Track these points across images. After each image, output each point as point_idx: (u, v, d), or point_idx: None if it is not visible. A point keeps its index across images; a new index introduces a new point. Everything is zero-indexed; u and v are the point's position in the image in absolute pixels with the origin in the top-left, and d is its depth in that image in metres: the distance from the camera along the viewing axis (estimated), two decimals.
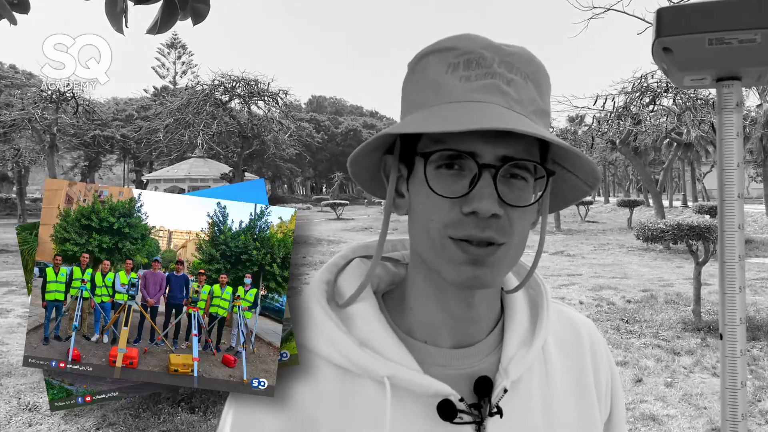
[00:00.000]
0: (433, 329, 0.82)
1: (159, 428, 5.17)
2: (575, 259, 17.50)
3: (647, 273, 14.40)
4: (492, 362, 0.82)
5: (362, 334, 0.79)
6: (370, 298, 0.83)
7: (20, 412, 5.62)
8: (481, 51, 0.75)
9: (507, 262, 0.75)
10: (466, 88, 0.74)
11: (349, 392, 0.77)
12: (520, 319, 0.86)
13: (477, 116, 0.69)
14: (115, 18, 2.25)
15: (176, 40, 75.72)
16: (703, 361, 7.10)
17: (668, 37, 0.89)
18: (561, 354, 0.90)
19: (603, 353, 0.95)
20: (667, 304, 10.38)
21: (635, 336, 8.34)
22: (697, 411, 5.61)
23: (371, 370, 0.76)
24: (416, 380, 0.76)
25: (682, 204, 43.82)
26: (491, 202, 0.70)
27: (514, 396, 0.80)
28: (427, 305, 0.82)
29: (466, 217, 0.71)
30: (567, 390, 0.87)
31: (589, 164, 0.78)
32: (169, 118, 20.84)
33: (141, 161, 58.02)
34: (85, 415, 5.39)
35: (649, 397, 5.98)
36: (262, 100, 21.65)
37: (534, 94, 0.76)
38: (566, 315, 0.96)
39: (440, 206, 0.73)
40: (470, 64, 0.74)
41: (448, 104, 0.73)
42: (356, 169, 0.85)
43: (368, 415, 0.76)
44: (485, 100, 0.73)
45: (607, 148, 24.44)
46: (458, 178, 0.73)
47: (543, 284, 0.93)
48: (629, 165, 42.02)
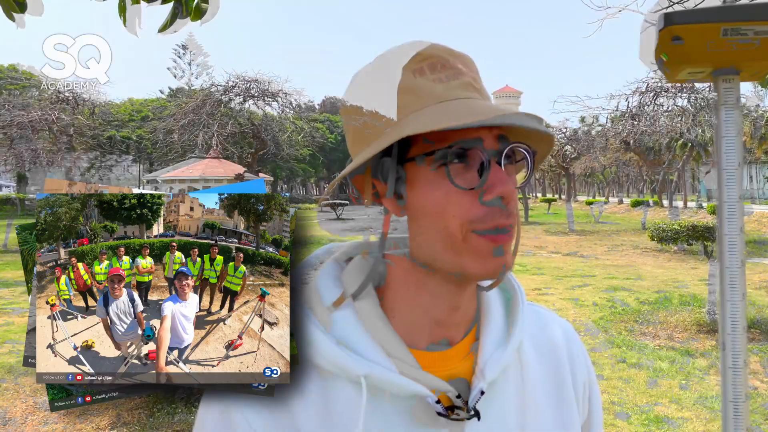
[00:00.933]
0: (412, 332, 0.81)
1: (173, 427, 5.21)
2: (588, 260, 17.40)
3: (661, 274, 14.28)
4: (468, 365, 0.82)
5: (339, 333, 0.79)
6: (350, 301, 0.82)
7: (36, 411, 5.70)
8: (440, 54, 0.77)
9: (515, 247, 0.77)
10: (445, 87, 0.75)
11: (328, 392, 0.77)
12: (495, 321, 0.86)
13: (480, 110, 0.71)
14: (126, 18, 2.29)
15: (192, 41, 76.09)
16: (718, 363, 7.03)
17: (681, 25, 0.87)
18: (538, 355, 0.90)
19: (580, 355, 0.95)
20: (681, 305, 10.30)
21: (649, 337, 8.29)
22: (713, 414, 5.57)
23: (348, 369, 0.76)
24: (393, 380, 0.75)
25: (696, 205, 43.42)
26: (511, 184, 0.72)
27: (490, 397, 0.80)
28: (411, 312, 0.81)
29: (489, 207, 0.72)
30: (544, 391, 0.88)
31: (529, 119, 0.78)
32: (183, 119, 20.96)
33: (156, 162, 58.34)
34: (100, 414, 5.45)
35: (663, 400, 5.95)
36: (276, 101, 21.71)
37: (486, 91, 0.80)
38: (543, 316, 0.96)
39: (460, 201, 0.73)
40: (435, 67, 0.76)
41: (438, 104, 0.74)
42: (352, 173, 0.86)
43: (345, 416, 0.76)
44: (468, 96, 0.76)
45: (620, 148, 24.25)
46: (467, 171, 0.73)
47: (518, 285, 0.92)
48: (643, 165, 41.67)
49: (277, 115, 22.50)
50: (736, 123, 0.92)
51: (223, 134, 21.17)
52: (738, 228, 0.91)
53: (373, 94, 0.79)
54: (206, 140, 21.29)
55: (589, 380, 0.95)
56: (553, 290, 12.06)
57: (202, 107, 20.73)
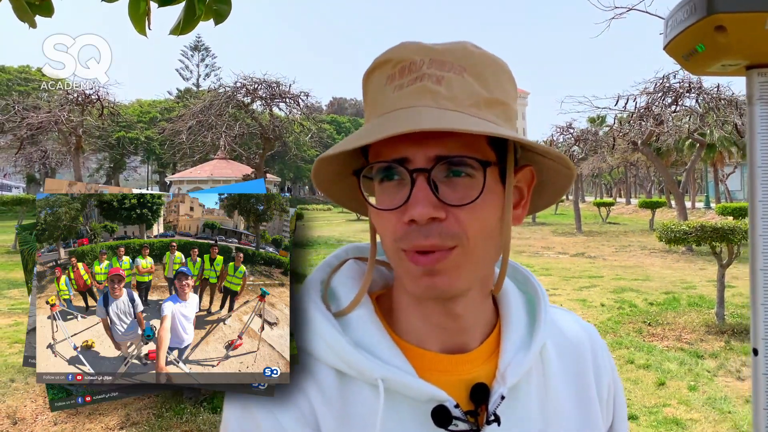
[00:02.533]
0: (422, 336, 0.81)
1: (181, 428, 5.23)
2: (596, 260, 17.34)
3: (669, 275, 14.22)
4: (489, 369, 0.81)
5: (358, 336, 0.79)
6: (366, 301, 0.83)
7: (46, 411, 5.72)
8: (411, 56, 0.74)
9: (467, 266, 0.73)
10: (398, 96, 0.73)
11: (346, 394, 0.77)
12: (516, 325, 0.85)
13: (395, 123, 0.68)
14: (137, 20, 2.28)
15: (199, 42, 76.40)
16: (727, 364, 7.01)
17: (726, 13, 0.81)
18: (562, 360, 0.88)
19: (605, 359, 0.94)
20: (690, 306, 10.24)
21: (658, 339, 8.25)
22: (722, 415, 5.54)
23: (365, 372, 0.75)
24: (410, 384, 0.75)
25: (704, 205, 43.22)
26: (425, 207, 0.69)
27: (511, 403, 0.79)
28: (412, 315, 0.81)
29: (409, 226, 0.70)
30: (567, 396, 0.86)
31: (543, 148, 0.77)
32: (192, 120, 21.02)
33: (164, 163, 58.58)
34: (109, 414, 5.48)
35: (672, 401, 5.92)
36: (284, 101, 21.75)
37: (474, 86, 0.73)
38: (569, 320, 0.95)
39: (387, 219, 0.73)
40: (403, 71, 0.74)
41: (378, 117, 0.73)
42: (333, 195, 0.87)
43: (363, 418, 0.75)
44: (413, 104, 0.71)
45: (628, 149, 24.16)
46: (399, 188, 0.72)
47: (540, 288, 0.91)
48: (651, 166, 41.48)
49: (285, 117, 22.54)
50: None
51: (230, 135, 21.22)
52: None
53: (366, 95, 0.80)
54: (214, 141, 21.34)
55: (614, 385, 0.94)
56: (560, 291, 12.02)
57: (210, 108, 20.79)
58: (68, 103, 21.88)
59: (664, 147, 29.40)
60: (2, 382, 6.58)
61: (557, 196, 0.89)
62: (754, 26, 0.81)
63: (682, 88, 17.46)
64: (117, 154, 50.29)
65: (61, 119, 21.50)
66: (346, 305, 0.82)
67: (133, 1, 2.27)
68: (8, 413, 5.65)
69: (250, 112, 21.66)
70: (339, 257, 0.90)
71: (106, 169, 57.10)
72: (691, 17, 0.85)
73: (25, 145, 25.08)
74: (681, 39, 0.89)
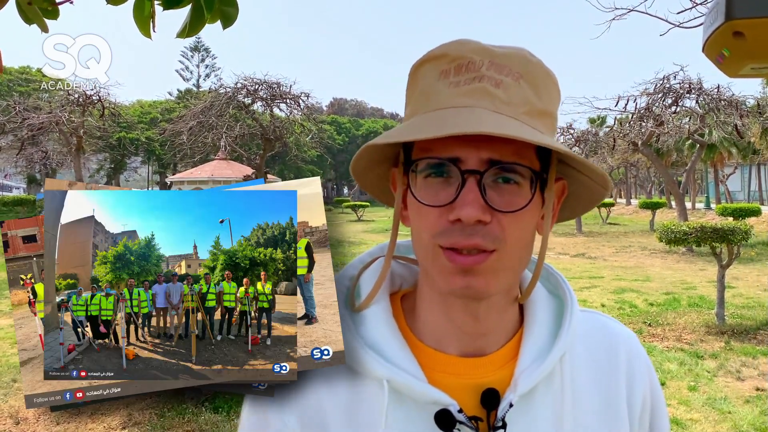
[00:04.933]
0: (440, 337, 0.81)
1: (183, 428, 5.26)
2: (596, 261, 17.36)
3: (670, 276, 14.24)
4: (505, 374, 0.80)
5: (370, 334, 0.80)
6: (384, 301, 0.84)
7: (48, 411, 5.70)
8: (470, 55, 0.74)
9: (504, 272, 0.74)
10: (453, 93, 0.73)
11: (355, 390, 0.78)
12: (539, 331, 0.83)
13: (454, 122, 0.69)
14: (142, 22, 2.29)
15: (200, 43, 76.35)
16: (727, 364, 7.03)
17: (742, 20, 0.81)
18: (590, 367, 0.86)
19: (642, 370, 0.90)
20: (690, 307, 10.26)
21: (658, 339, 8.28)
22: (721, 415, 5.56)
23: (372, 372, 0.77)
24: (413, 386, 0.75)
25: (705, 206, 43.22)
26: (474, 209, 0.69)
27: (523, 410, 0.78)
28: (433, 314, 0.82)
29: (452, 224, 0.71)
30: (590, 406, 0.83)
31: (588, 165, 0.78)
32: (192, 121, 21.03)
33: (165, 163, 58.59)
34: (111, 414, 5.49)
35: (672, 401, 5.93)
36: (284, 102, 21.77)
37: (529, 93, 0.74)
38: (603, 325, 0.93)
39: (429, 215, 0.73)
40: (460, 69, 0.74)
41: (433, 112, 0.73)
42: (365, 183, 0.88)
43: (369, 416, 0.77)
44: (470, 104, 0.71)
45: (629, 149, 24.16)
46: (446, 186, 0.72)
47: (570, 294, 0.88)
48: (651, 167, 41.46)
49: (285, 117, 22.55)
50: None
51: (231, 136, 21.24)
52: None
53: (415, 87, 0.79)
54: (215, 141, 21.37)
55: (652, 397, 0.90)
56: None
57: (210, 109, 20.81)
58: (69, 103, 21.89)
59: (665, 148, 29.38)
60: (4, 382, 6.60)
61: (583, 211, 0.89)
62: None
63: (682, 88, 17.48)
64: (117, 155, 50.35)
65: (62, 120, 21.51)
66: None
67: (138, 4, 2.28)
68: (11, 413, 5.68)
69: (251, 112, 21.68)
70: (372, 254, 0.91)
71: (107, 170, 57.11)
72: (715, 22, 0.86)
73: (25, 146, 25.10)
74: (711, 43, 0.89)
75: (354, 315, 0.83)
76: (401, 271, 0.92)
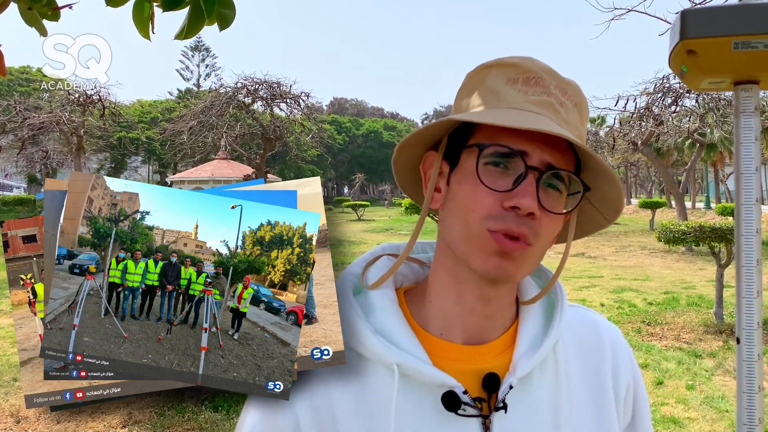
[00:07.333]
0: (448, 323, 0.87)
1: (183, 426, 5.28)
2: (596, 260, 17.38)
3: (669, 275, 14.26)
4: (504, 361, 0.86)
5: (378, 323, 0.85)
6: (390, 292, 0.89)
7: (48, 410, 5.75)
8: (540, 72, 0.83)
9: (529, 263, 0.81)
10: (524, 99, 0.82)
11: (364, 376, 0.83)
12: (534, 321, 0.91)
13: (537, 121, 0.77)
14: (141, 24, 2.31)
15: (200, 43, 76.35)
16: (725, 364, 7.05)
17: (694, 39, 0.88)
18: (580, 356, 0.93)
19: (626, 359, 0.98)
20: (689, 306, 10.29)
21: (656, 338, 8.30)
22: (719, 414, 5.58)
23: (382, 357, 0.81)
24: (422, 370, 0.80)
25: (705, 205, 43.22)
26: (532, 201, 0.76)
27: (521, 393, 0.84)
28: (445, 297, 0.87)
29: (506, 211, 0.77)
30: (582, 390, 0.91)
31: (617, 192, 0.85)
32: (192, 120, 21.05)
33: (165, 163, 58.60)
34: (111, 413, 5.51)
35: (670, 400, 5.96)
36: (285, 102, 21.78)
37: (578, 121, 0.85)
38: (590, 319, 1.00)
39: (484, 198, 0.78)
40: (529, 81, 0.83)
41: (508, 108, 0.82)
42: (399, 158, 0.92)
43: (378, 399, 0.81)
44: (541, 112, 0.81)
45: (628, 149, 24.18)
46: (503, 176, 0.79)
47: (560, 288, 0.96)
48: (651, 166, 41.46)
49: (286, 117, 22.56)
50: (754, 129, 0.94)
51: (231, 135, 21.26)
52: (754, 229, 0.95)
53: (480, 85, 0.87)
54: (215, 141, 21.38)
55: (634, 384, 0.98)
56: None
57: (210, 109, 20.82)
58: (69, 103, 21.89)
59: (664, 147, 29.42)
60: (5, 381, 6.63)
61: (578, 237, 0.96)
62: (721, 49, 0.88)
63: (681, 88, 17.46)
64: (118, 155, 50.37)
65: (62, 119, 21.53)
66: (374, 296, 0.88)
67: (137, 5, 2.29)
68: (11, 412, 5.70)
69: (251, 112, 21.69)
70: (375, 253, 0.97)
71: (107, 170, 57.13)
72: (673, 41, 0.93)
73: (26, 146, 25.12)
74: (672, 59, 0.96)
75: (363, 304, 0.87)
76: (402, 268, 0.97)
